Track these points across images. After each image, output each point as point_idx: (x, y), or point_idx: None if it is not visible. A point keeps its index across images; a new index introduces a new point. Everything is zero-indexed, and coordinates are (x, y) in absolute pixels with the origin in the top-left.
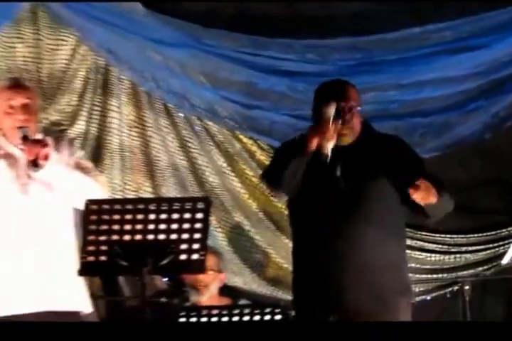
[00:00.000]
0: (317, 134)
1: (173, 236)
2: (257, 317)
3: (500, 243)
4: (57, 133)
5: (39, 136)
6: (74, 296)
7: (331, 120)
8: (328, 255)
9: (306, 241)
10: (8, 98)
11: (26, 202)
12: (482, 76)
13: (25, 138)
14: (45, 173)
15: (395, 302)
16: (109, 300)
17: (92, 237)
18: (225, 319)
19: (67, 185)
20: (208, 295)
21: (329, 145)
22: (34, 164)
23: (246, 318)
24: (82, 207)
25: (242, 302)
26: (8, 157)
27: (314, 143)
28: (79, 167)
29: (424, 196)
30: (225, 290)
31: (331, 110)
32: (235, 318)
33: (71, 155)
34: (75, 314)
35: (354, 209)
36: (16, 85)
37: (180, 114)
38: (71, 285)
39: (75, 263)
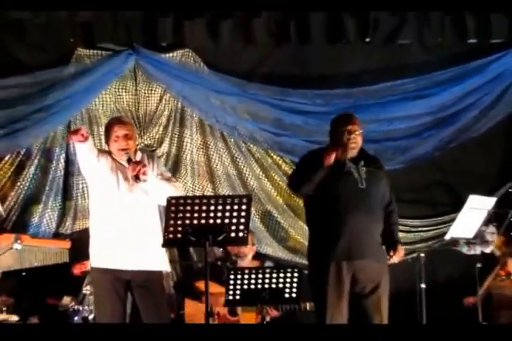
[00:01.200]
0: (334, 153)
1: (226, 221)
2: (281, 275)
3: (444, 225)
4: (149, 152)
5: (139, 157)
6: (159, 260)
7: (346, 140)
8: (345, 229)
9: (326, 221)
10: (115, 130)
11: (131, 198)
12: (432, 114)
13: (129, 160)
14: (143, 186)
15: (384, 264)
16: (183, 263)
17: (171, 221)
18: (258, 276)
19: (156, 189)
20: (247, 261)
21: (348, 156)
22: (136, 178)
23: (274, 276)
24: (164, 203)
25: (268, 263)
26: (121, 167)
27: (332, 160)
28: (163, 177)
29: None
30: (259, 255)
31: (346, 134)
32: (266, 275)
33: (157, 168)
34: (160, 273)
35: (366, 201)
36: (120, 121)
37: (232, 139)
38: (158, 253)
39: (160, 238)
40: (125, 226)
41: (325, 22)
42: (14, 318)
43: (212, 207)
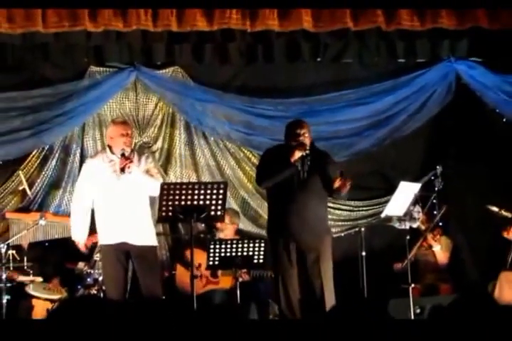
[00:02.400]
0: (295, 152)
1: (207, 202)
2: (251, 245)
3: (380, 205)
4: (146, 148)
5: (129, 153)
6: (150, 236)
7: (295, 141)
8: (290, 211)
9: (279, 208)
10: (123, 128)
11: (120, 184)
12: (370, 118)
13: (122, 155)
14: (129, 176)
15: (324, 238)
16: (173, 236)
17: (164, 202)
18: (233, 245)
19: (139, 181)
20: (225, 234)
21: (299, 155)
22: (121, 170)
23: (245, 245)
24: (149, 192)
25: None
26: (111, 161)
27: (297, 157)
28: (148, 173)
29: (342, 186)
30: (239, 231)
31: (296, 136)
32: (239, 245)
33: (145, 165)
34: (153, 247)
35: (306, 188)
36: (125, 122)
37: (212, 138)
38: (147, 230)
39: (149, 219)
40: (118, 210)
41: (285, 45)
42: (39, 279)
43: (196, 191)
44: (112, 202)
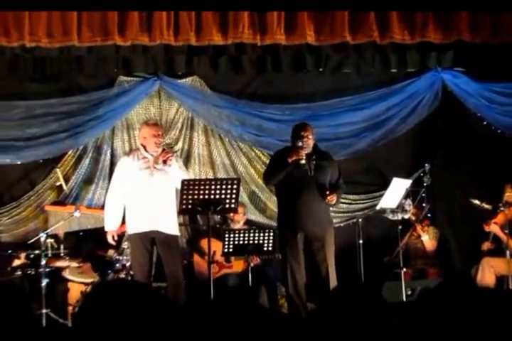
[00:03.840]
0: (293, 154)
1: (223, 196)
2: (261, 234)
3: (375, 199)
4: (169, 148)
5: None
6: (173, 225)
7: (299, 145)
8: (298, 205)
9: (287, 202)
10: (155, 130)
11: (152, 179)
12: (366, 121)
13: (163, 150)
14: (169, 168)
15: (328, 228)
16: (192, 226)
17: (185, 196)
18: (245, 234)
19: (175, 173)
20: (238, 225)
21: (303, 155)
22: (164, 162)
23: (256, 234)
24: (179, 185)
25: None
26: (145, 158)
27: (294, 158)
28: (180, 166)
29: (330, 201)
30: (248, 222)
31: (300, 141)
32: (251, 234)
33: (177, 161)
34: (176, 236)
35: (312, 185)
36: (156, 124)
37: (227, 139)
38: (172, 220)
39: (174, 211)
40: (148, 202)
41: (291, 57)
42: (74, 265)
43: (212, 187)
44: (143, 195)
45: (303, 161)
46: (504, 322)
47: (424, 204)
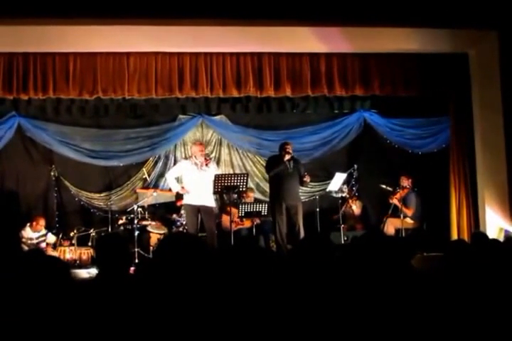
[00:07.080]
0: (287, 156)
1: (238, 183)
2: (261, 205)
3: (326, 184)
4: (208, 156)
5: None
6: (211, 201)
7: (284, 153)
8: (282, 188)
9: (275, 186)
10: (200, 146)
11: (200, 174)
12: (319, 141)
13: (206, 156)
14: (206, 169)
15: (299, 201)
16: (220, 201)
17: (216, 184)
18: (252, 205)
19: (210, 172)
20: (248, 200)
21: (287, 158)
22: (206, 165)
23: (258, 206)
24: (213, 177)
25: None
26: (195, 163)
27: (285, 159)
28: (214, 167)
29: (305, 182)
30: (255, 199)
31: (284, 150)
32: (255, 205)
33: (213, 164)
34: (212, 207)
35: (291, 176)
36: (201, 144)
37: (240, 151)
38: (210, 197)
39: (211, 191)
40: (197, 186)
41: (277, 103)
42: (153, 223)
43: (232, 178)
44: (194, 183)
45: (286, 162)
46: (398, 256)
47: (353, 188)
